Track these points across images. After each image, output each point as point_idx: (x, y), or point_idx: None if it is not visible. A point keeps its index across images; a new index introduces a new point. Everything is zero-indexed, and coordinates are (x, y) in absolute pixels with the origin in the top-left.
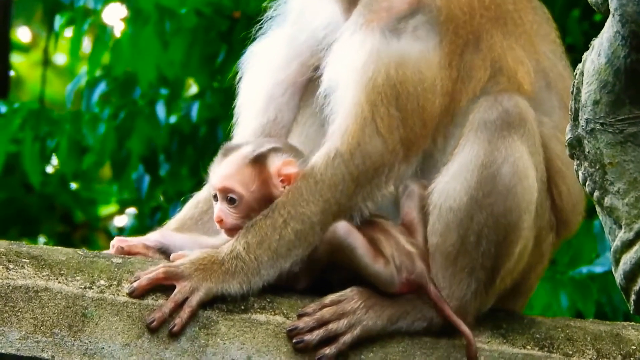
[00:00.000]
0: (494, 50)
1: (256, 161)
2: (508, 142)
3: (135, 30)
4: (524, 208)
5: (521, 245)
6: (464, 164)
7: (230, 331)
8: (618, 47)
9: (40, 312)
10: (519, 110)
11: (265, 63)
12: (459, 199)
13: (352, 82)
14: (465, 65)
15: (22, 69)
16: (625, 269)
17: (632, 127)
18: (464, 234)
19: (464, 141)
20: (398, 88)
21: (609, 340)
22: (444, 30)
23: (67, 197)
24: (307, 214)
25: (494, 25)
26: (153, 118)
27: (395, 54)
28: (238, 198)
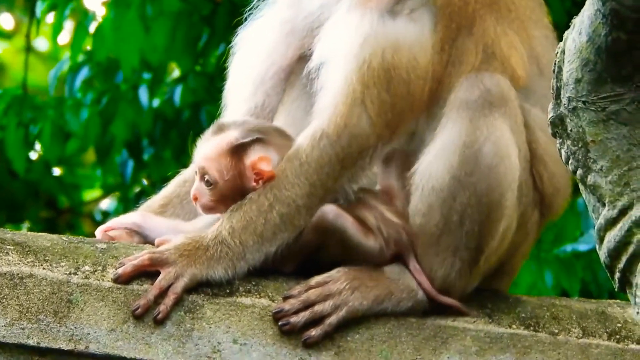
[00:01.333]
0: (487, 36)
1: (236, 151)
2: (490, 120)
3: (117, 14)
4: (506, 186)
5: (505, 224)
6: (445, 143)
7: (216, 315)
8: (599, 25)
9: (26, 299)
10: (500, 89)
11: (257, 46)
12: (441, 178)
13: (345, 61)
14: (457, 50)
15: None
16: (609, 246)
17: (614, 104)
18: (447, 213)
19: (446, 120)
20: (392, 73)
21: (594, 318)
22: (440, 14)
23: (51, 183)
24: (292, 197)
25: (488, 10)
26: (136, 103)
27: (391, 37)
28: (213, 182)
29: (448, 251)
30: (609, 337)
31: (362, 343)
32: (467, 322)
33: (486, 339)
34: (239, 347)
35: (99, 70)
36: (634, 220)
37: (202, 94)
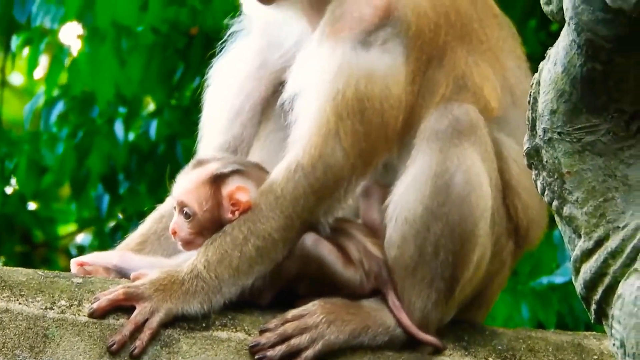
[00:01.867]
0: (458, 67)
1: (214, 181)
2: (459, 150)
3: (92, 48)
4: (479, 215)
5: (479, 253)
6: (417, 174)
7: (192, 349)
8: (574, 55)
9: (1, 334)
10: (469, 117)
11: (231, 78)
12: (413, 210)
13: (319, 92)
14: (429, 81)
15: None
16: (585, 278)
17: (590, 135)
18: (421, 244)
19: (416, 151)
20: (365, 103)
21: (570, 350)
22: (412, 45)
23: (26, 217)
24: (268, 230)
25: (459, 42)
26: (112, 136)
27: (364, 68)
28: (192, 214)
29: (424, 282)
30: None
31: None
32: (444, 355)
33: None
34: None
35: (74, 104)
36: (610, 251)
37: (178, 127)
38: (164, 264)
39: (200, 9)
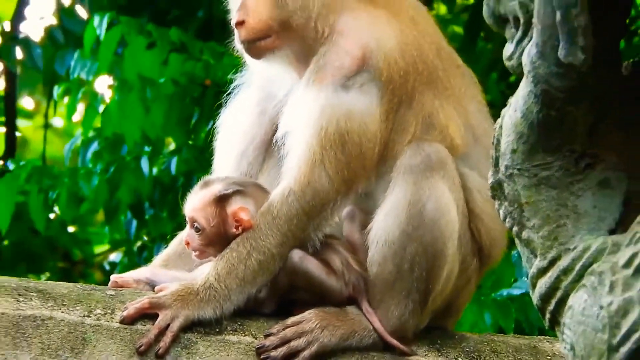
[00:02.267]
0: (426, 109)
1: (219, 201)
2: (431, 182)
3: (121, 97)
4: (447, 237)
5: (448, 269)
6: (395, 203)
7: (208, 350)
8: (532, 103)
9: (47, 338)
10: (439, 154)
11: (237, 124)
12: (392, 233)
13: (306, 129)
14: (401, 119)
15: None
16: (540, 291)
17: (545, 171)
18: (399, 262)
19: (394, 184)
20: (345, 137)
21: (527, 352)
22: (384, 89)
23: (66, 239)
24: (267, 246)
25: (426, 87)
26: (138, 171)
27: (345, 107)
28: (201, 229)
29: (402, 294)
30: None
31: None
32: (420, 355)
33: None
34: None
35: (106, 144)
36: (562, 269)
37: (194, 163)
38: (184, 277)
39: (213, 64)
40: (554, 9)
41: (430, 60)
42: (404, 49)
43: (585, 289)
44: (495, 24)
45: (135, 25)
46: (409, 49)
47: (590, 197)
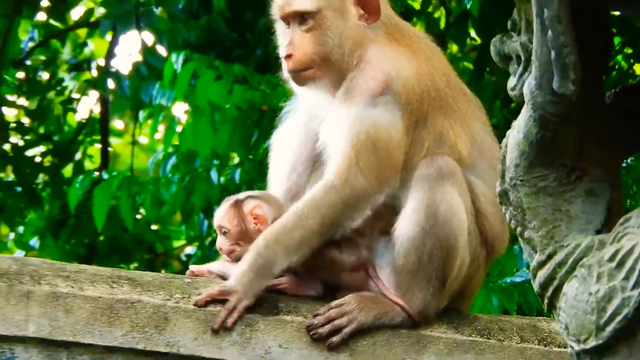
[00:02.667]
0: (437, 128)
1: (236, 205)
2: (443, 188)
3: (194, 120)
4: (458, 233)
5: (460, 259)
6: (414, 206)
7: (267, 328)
8: (531, 126)
9: (135, 317)
10: (449, 166)
11: (287, 142)
12: (413, 231)
13: (342, 137)
14: (417, 136)
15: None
16: (540, 281)
17: (542, 182)
18: (420, 255)
19: (413, 191)
20: (375, 143)
21: (528, 330)
22: (404, 109)
23: (151, 235)
24: (309, 224)
25: (438, 110)
26: (209, 181)
27: (372, 119)
28: (227, 230)
29: (423, 281)
30: (539, 343)
31: (368, 347)
32: (440, 332)
33: (454, 344)
34: (283, 350)
35: (183, 158)
36: (557, 262)
37: (254, 174)
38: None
39: (269, 93)
40: (549, 49)
41: (442, 89)
42: (419, 78)
43: (576, 279)
44: (501, 61)
45: (205, 62)
46: (423, 79)
47: (580, 204)
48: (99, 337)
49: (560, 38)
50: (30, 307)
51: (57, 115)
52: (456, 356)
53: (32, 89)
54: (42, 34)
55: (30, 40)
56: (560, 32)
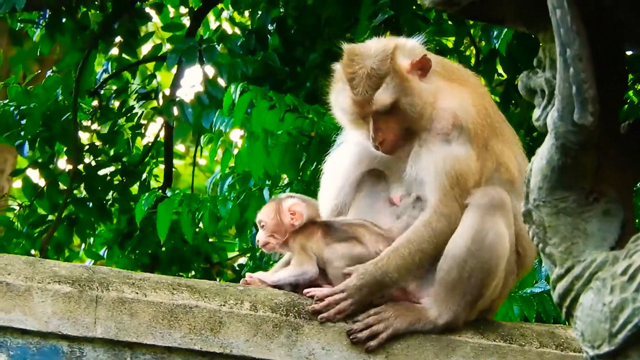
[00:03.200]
0: (495, 152)
1: (275, 202)
2: (493, 218)
3: (249, 144)
4: (500, 259)
5: (496, 282)
6: (465, 228)
7: (311, 331)
8: (553, 153)
9: (193, 320)
10: (500, 197)
11: (338, 167)
12: (459, 249)
13: (435, 175)
14: (483, 160)
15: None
16: (559, 292)
17: (563, 203)
18: (461, 272)
19: (467, 215)
20: (459, 176)
21: (547, 336)
22: (472, 140)
23: (208, 247)
24: (424, 247)
25: (493, 135)
26: (261, 199)
27: (454, 156)
28: (265, 223)
29: (459, 296)
30: (556, 348)
31: (402, 349)
32: (468, 337)
33: (479, 348)
34: (326, 352)
35: (238, 178)
36: (575, 275)
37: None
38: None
39: (317, 121)
40: (570, 84)
41: (492, 115)
42: (477, 109)
43: (592, 291)
44: (527, 94)
45: (260, 92)
46: (479, 108)
47: (596, 223)
48: (160, 338)
49: (581, 75)
50: (98, 311)
51: (127, 139)
52: (481, 359)
53: (104, 115)
54: (114, 66)
55: (104, 72)
56: (581, 70)
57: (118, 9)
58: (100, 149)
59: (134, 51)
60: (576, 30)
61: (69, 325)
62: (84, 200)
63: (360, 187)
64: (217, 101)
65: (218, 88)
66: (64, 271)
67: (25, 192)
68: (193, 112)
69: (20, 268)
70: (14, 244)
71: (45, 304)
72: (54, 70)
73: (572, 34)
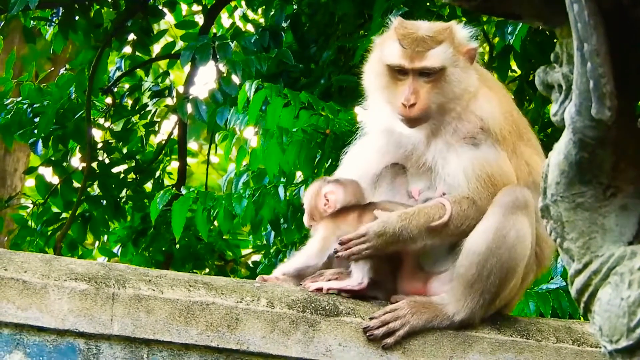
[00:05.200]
0: (523, 154)
1: (318, 185)
2: (516, 217)
3: (264, 142)
4: (520, 259)
5: (514, 281)
6: (487, 226)
7: (328, 328)
8: (571, 148)
9: (210, 317)
10: (524, 197)
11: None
12: (480, 247)
13: (466, 178)
14: (516, 164)
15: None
16: (577, 287)
17: (580, 198)
18: (481, 269)
19: (490, 212)
20: (491, 177)
21: (563, 331)
22: (500, 143)
23: (222, 244)
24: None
25: (518, 139)
26: (276, 196)
27: (484, 158)
28: (305, 204)
29: (477, 293)
30: (573, 343)
31: (419, 345)
32: (484, 333)
33: (496, 344)
34: (342, 348)
35: (253, 176)
36: (593, 270)
37: None
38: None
39: (331, 118)
40: (588, 79)
41: (517, 120)
42: (504, 115)
43: (610, 286)
44: (544, 89)
45: (275, 90)
46: (506, 114)
47: (613, 218)
48: (177, 335)
49: (599, 69)
50: (115, 308)
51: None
52: (498, 354)
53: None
54: (128, 64)
55: (118, 70)
56: (599, 64)
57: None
58: (113, 146)
59: (147, 49)
60: (594, 25)
61: (85, 322)
62: (97, 198)
63: (380, 180)
64: (231, 99)
65: (232, 85)
66: (80, 268)
67: (38, 190)
68: (207, 109)
69: (36, 266)
70: (27, 242)
71: (61, 301)
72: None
73: (589, 29)
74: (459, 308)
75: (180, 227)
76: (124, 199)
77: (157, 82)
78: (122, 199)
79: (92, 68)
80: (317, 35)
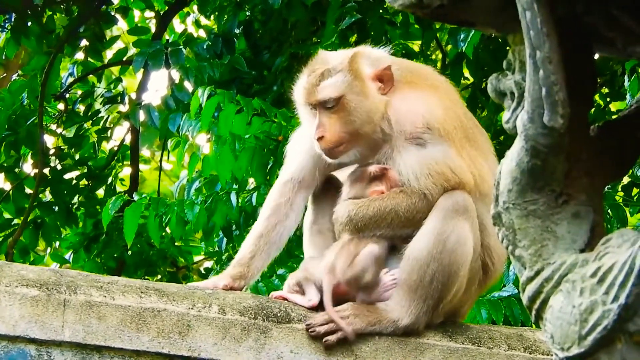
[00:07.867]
0: (469, 157)
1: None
2: (455, 221)
3: (217, 148)
4: (462, 263)
5: (457, 286)
6: (427, 230)
7: (280, 335)
8: (523, 155)
9: (161, 324)
10: (464, 202)
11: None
12: (421, 252)
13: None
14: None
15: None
16: (529, 295)
17: (532, 205)
18: (422, 275)
19: (430, 218)
20: (442, 175)
21: (515, 338)
22: (445, 138)
23: (174, 250)
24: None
25: (466, 141)
26: (228, 203)
27: (429, 156)
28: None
29: (420, 299)
30: (525, 350)
31: (370, 352)
32: (436, 340)
33: (448, 351)
34: (294, 355)
35: (205, 182)
36: (544, 278)
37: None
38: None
39: (284, 125)
40: (540, 87)
41: (464, 121)
42: (446, 112)
43: (562, 293)
44: (497, 97)
45: (227, 96)
46: (448, 111)
47: (566, 225)
48: (128, 341)
49: (551, 77)
50: (66, 314)
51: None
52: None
53: (70, 119)
54: (80, 70)
55: (70, 76)
56: (551, 72)
57: (84, 13)
58: (66, 152)
59: (99, 55)
60: (546, 32)
61: (36, 328)
62: (49, 204)
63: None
64: (184, 105)
65: (184, 92)
66: (31, 275)
67: None
68: (160, 116)
69: None
70: None
71: (12, 307)
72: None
73: (542, 36)
74: (402, 314)
75: (132, 234)
76: (76, 205)
77: (110, 89)
78: (74, 205)
79: (44, 74)
80: (270, 41)
